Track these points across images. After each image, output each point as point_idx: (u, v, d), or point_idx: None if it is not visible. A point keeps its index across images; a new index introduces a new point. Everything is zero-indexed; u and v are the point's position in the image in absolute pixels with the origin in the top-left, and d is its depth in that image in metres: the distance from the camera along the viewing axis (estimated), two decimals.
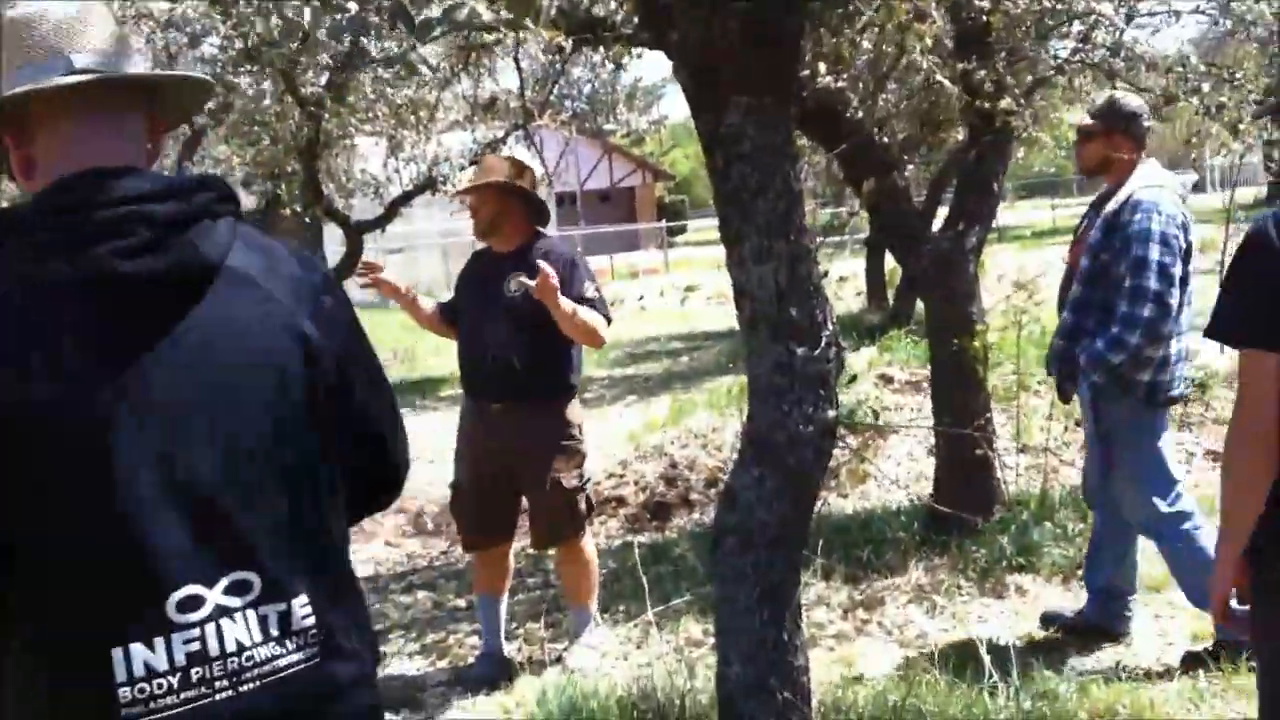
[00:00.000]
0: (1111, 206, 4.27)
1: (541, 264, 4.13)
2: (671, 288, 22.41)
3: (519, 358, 4.31)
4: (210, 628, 1.47)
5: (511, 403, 4.38)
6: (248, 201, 20.42)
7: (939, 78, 4.36)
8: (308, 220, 12.60)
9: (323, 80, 11.77)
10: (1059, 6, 5.47)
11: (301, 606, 1.56)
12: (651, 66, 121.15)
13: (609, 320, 4.48)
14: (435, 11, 2.45)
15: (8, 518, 1.43)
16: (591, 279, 4.46)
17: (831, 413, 3.10)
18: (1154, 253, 4.08)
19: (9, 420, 1.42)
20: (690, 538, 6.21)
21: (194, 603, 1.47)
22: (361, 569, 6.65)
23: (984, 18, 5.02)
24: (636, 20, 4.36)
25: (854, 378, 4.46)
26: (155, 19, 11.55)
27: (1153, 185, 4.24)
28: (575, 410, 4.53)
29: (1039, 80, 5.81)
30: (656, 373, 12.93)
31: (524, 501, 4.61)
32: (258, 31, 10.56)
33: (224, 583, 1.50)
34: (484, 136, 14.13)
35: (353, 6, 3.01)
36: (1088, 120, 4.43)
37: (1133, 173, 4.32)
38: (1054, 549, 4.99)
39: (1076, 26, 5.78)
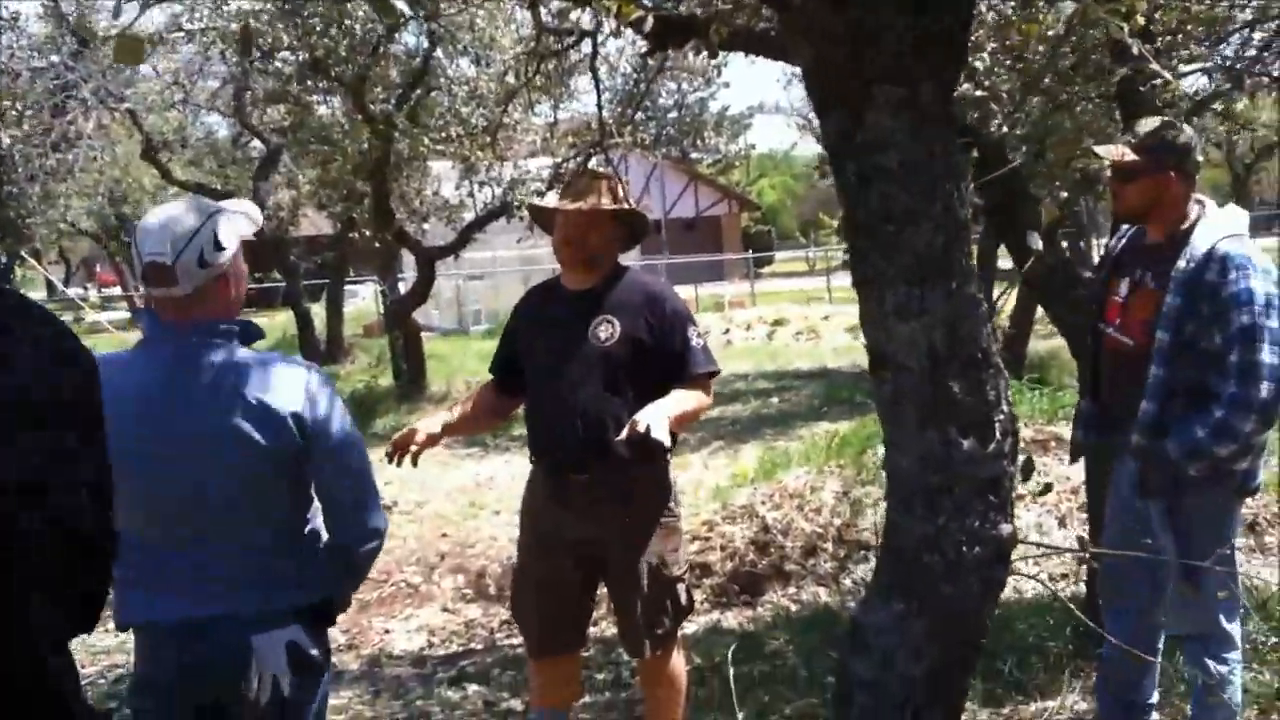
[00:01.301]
0: (1184, 264, 3.33)
1: (642, 422, 3.24)
2: (759, 321, 21.49)
3: (614, 419, 3.42)
4: None
5: (603, 472, 3.50)
6: (323, 225, 20.01)
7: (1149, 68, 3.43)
8: (376, 245, 12.03)
9: (394, 98, 11.19)
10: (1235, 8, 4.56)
11: None
12: (739, 94, 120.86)
13: (716, 372, 3.65)
14: None
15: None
16: (692, 320, 3.63)
17: (1006, 528, 2.23)
18: (1263, 319, 3.18)
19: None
20: (788, 626, 5.32)
21: None
22: (411, 640, 5.86)
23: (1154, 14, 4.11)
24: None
25: (1048, 487, 3.50)
26: (227, 36, 11.08)
27: (1233, 234, 3.33)
28: (670, 474, 3.70)
29: (1214, 94, 4.87)
30: (744, 415, 12.03)
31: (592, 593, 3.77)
32: (324, 42, 10.05)
33: None
34: (565, 160, 13.49)
35: None
36: (1127, 155, 3.47)
37: (1184, 216, 3.42)
38: (1244, 672, 3.99)
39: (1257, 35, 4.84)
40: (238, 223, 2.52)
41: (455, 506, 8.35)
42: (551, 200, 3.68)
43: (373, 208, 11.65)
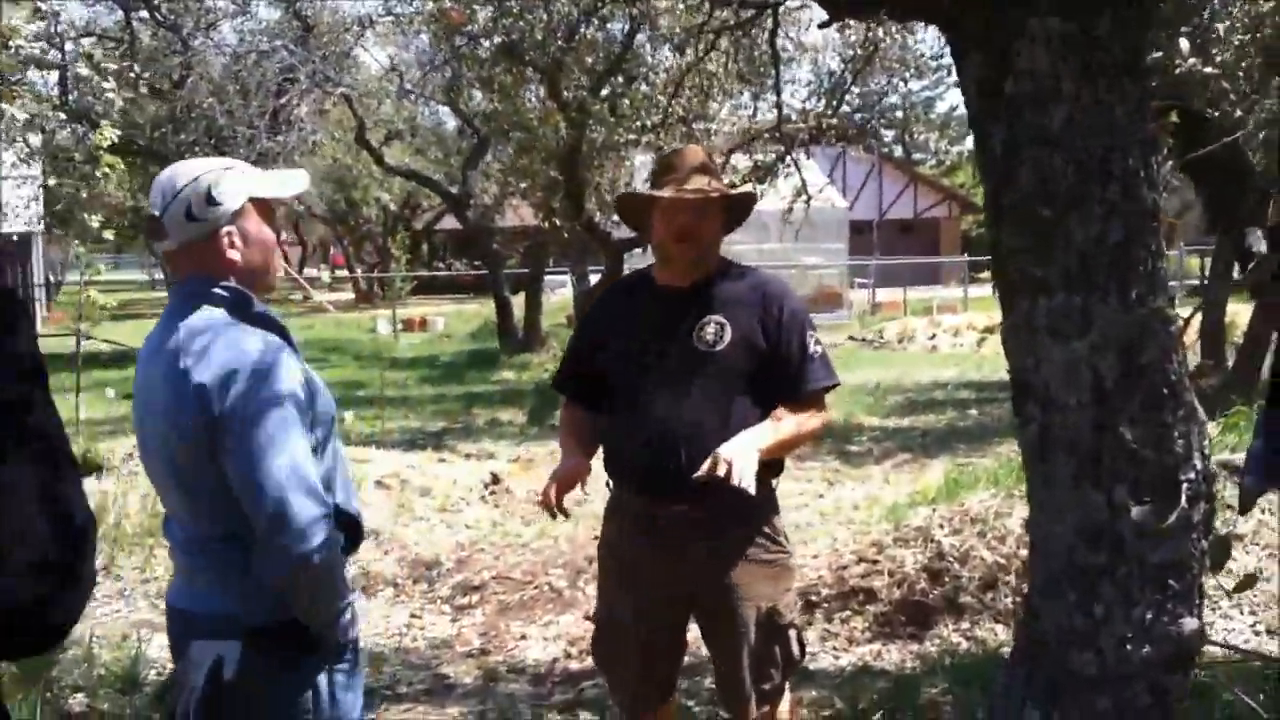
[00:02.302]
0: None
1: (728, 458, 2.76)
2: (968, 328, 20.41)
3: (723, 438, 2.84)
4: None
5: (703, 503, 2.93)
6: (529, 215, 20.09)
7: None
8: (565, 235, 11.78)
9: (591, 85, 10.90)
10: None
11: None
12: None
13: (834, 385, 3.09)
14: None
15: None
16: (812, 324, 3.09)
17: (1190, 624, 1.64)
18: None
19: None
20: (950, 672, 4.70)
21: None
22: (546, 650, 5.48)
23: None
24: None
25: (1250, 580, 2.75)
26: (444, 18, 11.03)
27: None
28: (777, 503, 3.16)
29: None
30: (937, 427, 11.24)
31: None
32: (520, 25, 9.83)
33: None
34: (765, 156, 12.99)
35: None
36: None
37: None
38: None
39: None
40: (248, 181, 2.26)
41: None
42: (641, 185, 3.17)
43: (564, 197, 11.40)
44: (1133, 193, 1.58)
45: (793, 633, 3.06)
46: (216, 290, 2.20)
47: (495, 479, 7.96)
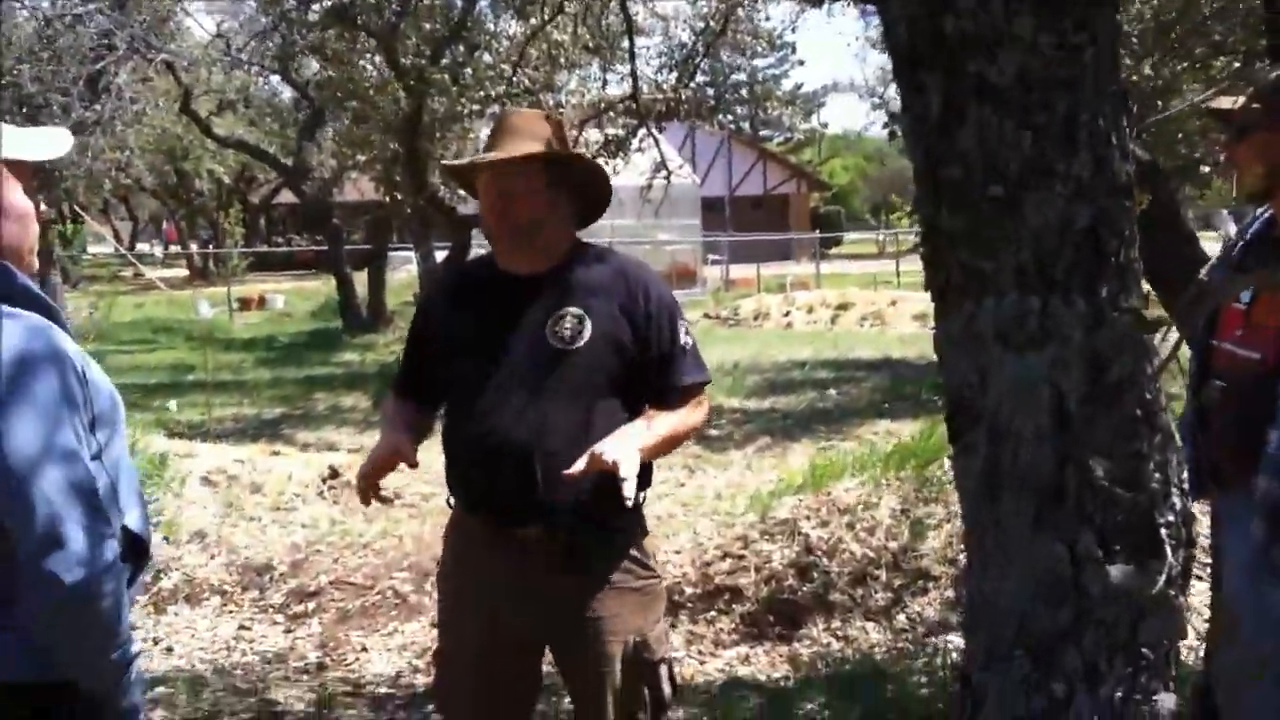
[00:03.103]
0: None
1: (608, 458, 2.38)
2: (822, 305, 20.46)
3: (582, 450, 2.45)
4: None
5: (559, 523, 2.55)
6: (366, 187, 19.37)
7: None
8: (407, 210, 11.22)
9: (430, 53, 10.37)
10: None
11: None
12: (813, 72, 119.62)
13: (705, 381, 2.72)
14: None
15: None
16: (681, 313, 2.70)
17: (1168, 702, 1.32)
18: None
19: None
20: (827, 686, 4.43)
21: None
22: (389, 663, 5.05)
23: None
24: None
25: None
26: None
27: None
28: (644, 519, 2.78)
29: None
30: (798, 408, 11.08)
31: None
32: None
33: None
34: (618, 131, 12.60)
35: None
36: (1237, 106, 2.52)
37: None
38: None
39: None
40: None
41: None
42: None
43: (405, 170, 10.86)
44: (1104, 166, 1.24)
45: (664, 669, 2.66)
46: None
47: (334, 472, 7.40)
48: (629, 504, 2.33)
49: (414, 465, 2.64)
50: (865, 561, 5.65)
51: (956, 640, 5.08)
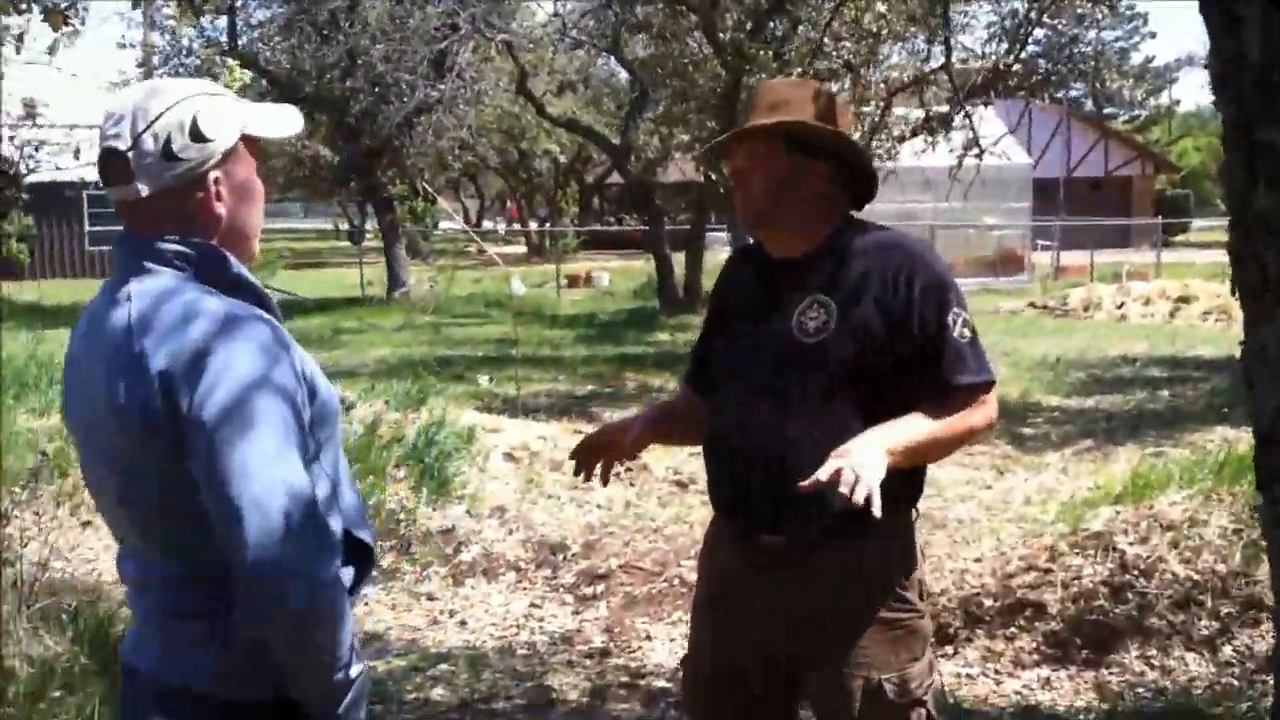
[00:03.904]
0: None
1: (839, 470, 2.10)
2: (1161, 296, 19.04)
3: (816, 458, 2.18)
4: None
5: (806, 535, 2.33)
6: (689, 168, 19.49)
7: None
8: (721, 190, 11.14)
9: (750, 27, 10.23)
10: None
11: None
12: (1167, 45, 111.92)
13: (984, 382, 2.34)
14: None
15: None
16: (959, 300, 2.35)
17: None
18: None
19: None
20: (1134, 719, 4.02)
21: None
22: (672, 653, 4.97)
23: None
24: None
25: None
26: None
27: None
28: (915, 543, 2.48)
29: None
30: (1124, 409, 10.30)
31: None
32: None
33: None
34: (940, 107, 12.05)
35: None
36: None
37: None
38: None
39: None
40: (243, 113, 1.75)
41: None
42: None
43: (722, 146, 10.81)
44: None
45: (918, 713, 2.40)
46: (180, 247, 1.68)
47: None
48: (875, 517, 2.08)
49: (627, 456, 2.55)
50: (1189, 584, 5.15)
51: None
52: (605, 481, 2.58)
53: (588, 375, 12.44)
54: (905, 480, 2.30)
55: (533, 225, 37.55)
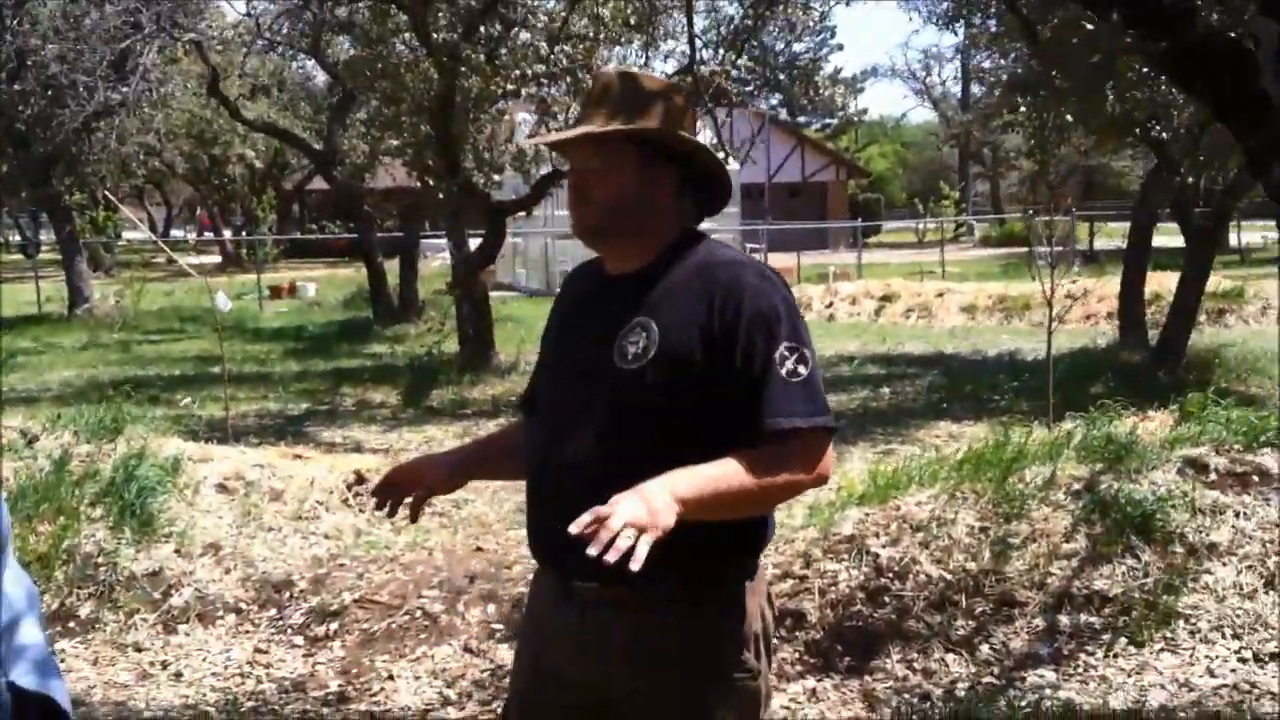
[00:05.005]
0: None
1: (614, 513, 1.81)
2: (865, 295, 19.91)
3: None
4: None
5: (619, 586, 1.98)
6: (400, 173, 18.90)
7: None
8: (440, 196, 10.71)
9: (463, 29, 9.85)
10: None
11: None
12: (853, 56, 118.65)
13: (823, 429, 2.00)
14: None
15: None
16: (794, 331, 2.02)
17: None
18: None
19: None
20: None
21: None
22: (419, 692, 4.60)
23: None
24: None
25: None
26: None
27: None
28: (757, 598, 2.14)
29: None
30: (850, 408, 10.53)
31: None
32: None
33: None
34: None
35: None
36: None
37: None
38: None
39: None
40: None
41: (501, 510, 6.98)
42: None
43: (436, 154, 10.37)
44: None
45: None
46: None
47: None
48: (635, 566, 1.76)
49: (434, 492, 2.27)
50: (942, 585, 5.15)
51: (1049, 675, 4.59)
52: (414, 519, 2.29)
53: (301, 392, 11.74)
54: (740, 530, 2.03)
55: (227, 234, 35.82)
